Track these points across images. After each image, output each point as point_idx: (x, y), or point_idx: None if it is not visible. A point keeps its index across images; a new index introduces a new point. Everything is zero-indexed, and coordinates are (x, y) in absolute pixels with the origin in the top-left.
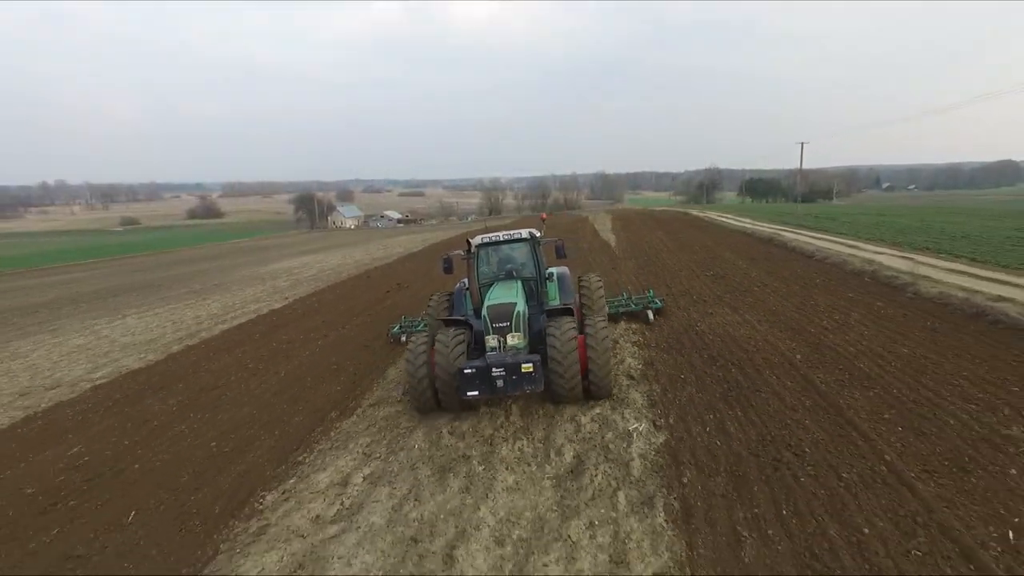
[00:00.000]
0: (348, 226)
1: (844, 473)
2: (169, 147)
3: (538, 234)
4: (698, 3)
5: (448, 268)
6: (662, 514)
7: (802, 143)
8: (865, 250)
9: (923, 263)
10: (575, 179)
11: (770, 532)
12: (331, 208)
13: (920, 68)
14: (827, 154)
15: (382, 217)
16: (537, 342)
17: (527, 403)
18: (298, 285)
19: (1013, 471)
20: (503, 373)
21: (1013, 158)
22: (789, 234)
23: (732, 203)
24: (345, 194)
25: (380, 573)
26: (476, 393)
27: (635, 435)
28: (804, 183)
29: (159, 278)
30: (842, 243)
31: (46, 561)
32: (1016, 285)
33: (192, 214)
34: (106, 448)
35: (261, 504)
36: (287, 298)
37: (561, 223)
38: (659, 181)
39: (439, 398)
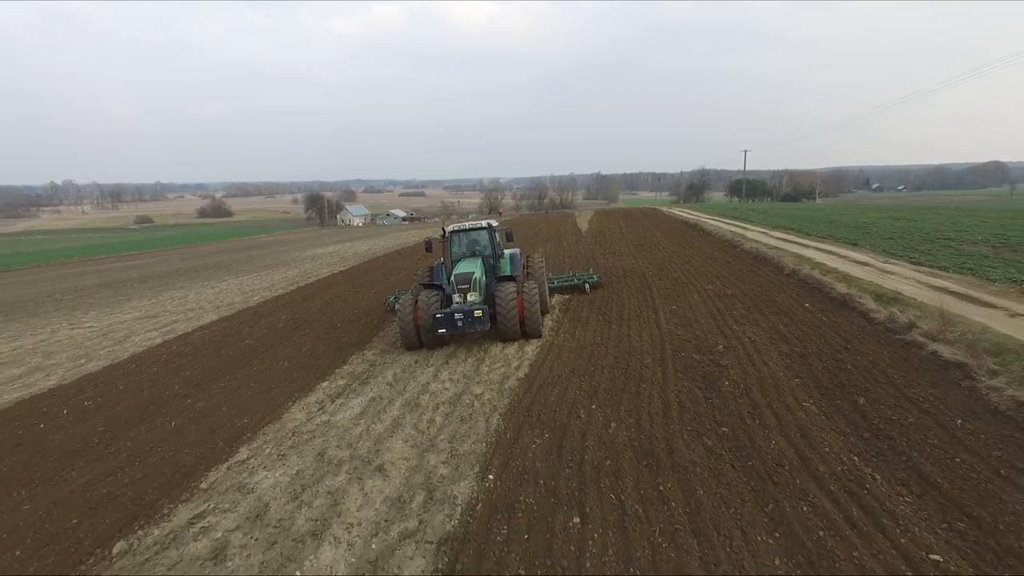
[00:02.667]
0: (356, 224)
1: (632, 299)
2: (170, 148)
3: (495, 224)
4: (697, 4)
5: (428, 248)
6: (557, 311)
7: (745, 151)
8: (747, 229)
9: (770, 235)
10: (573, 180)
11: (593, 309)
12: (340, 207)
13: (918, 69)
14: (824, 155)
15: (388, 215)
16: (491, 300)
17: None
18: (344, 261)
19: (695, 296)
20: (462, 317)
21: (1000, 159)
22: (711, 222)
23: (719, 202)
24: (347, 194)
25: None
26: (444, 330)
27: (555, 300)
28: (790, 183)
29: (218, 262)
30: (739, 226)
31: (316, 333)
32: (798, 243)
33: (203, 213)
34: (301, 314)
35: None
36: (344, 267)
37: (550, 219)
38: (656, 182)
39: (421, 338)
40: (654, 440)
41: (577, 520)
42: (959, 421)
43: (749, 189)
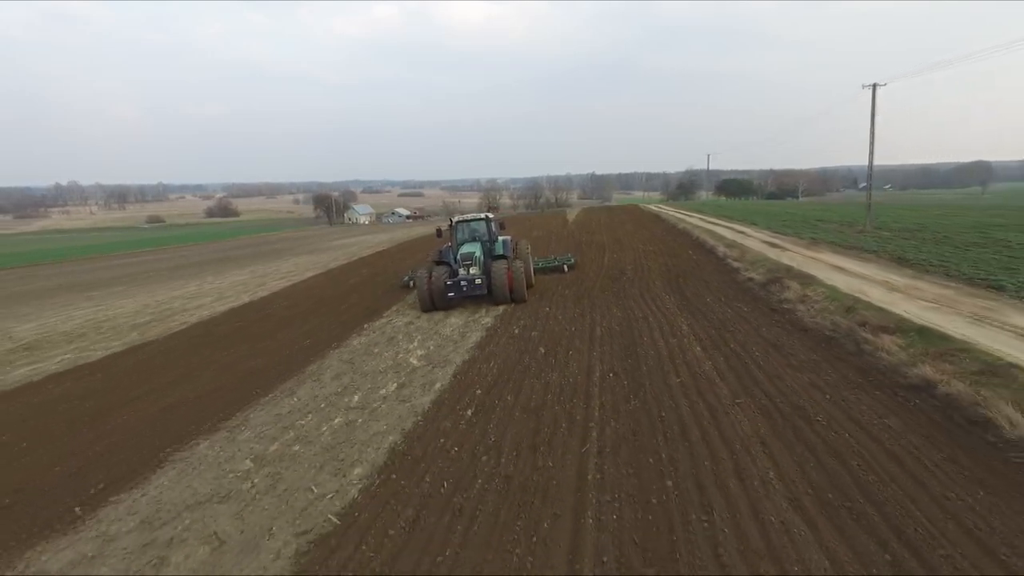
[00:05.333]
0: (363, 222)
1: (591, 254)
2: (170, 148)
3: (491, 216)
4: (695, 4)
5: (439, 234)
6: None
7: (708, 155)
8: (691, 216)
9: (704, 220)
10: (569, 179)
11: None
12: (346, 206)
13: (914, 69)
14: (820, 155)
15: (393, 214)
16: (487, 274)
17: None
18: (377, 247)
19: (630, 252)
20: (466, 284)
21: (989, 158)
22: (670, 212)
23: (707, 201)
24: (347, 194)
25: None
26: (452, 295)
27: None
28: (775, 183)
29: (262, 251)
30: (688, 215)
31: (391, 280)
32: (718, 224)
33: (210, 213)
34: (375, 272)
35: None
36: (380, 248)
37: (545, 216)
38: (650, 182)
39: (434, 303)
40: (583, 293)
41: (547, 309)
42: (715, 284)
43: (736, 188)
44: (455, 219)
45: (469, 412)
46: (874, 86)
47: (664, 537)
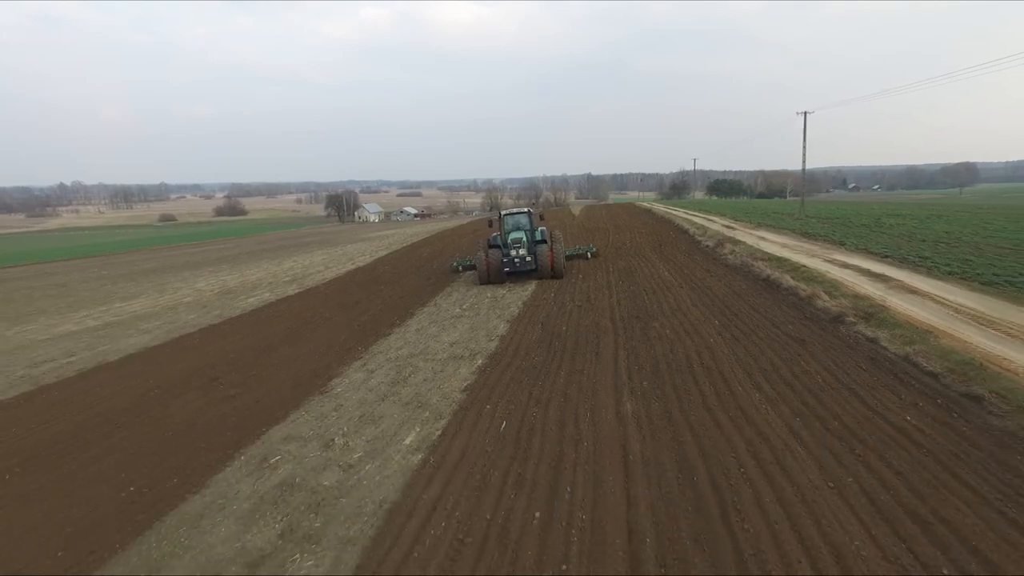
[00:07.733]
0: (373, 220)
1: (599, 237)
2: (167, 149)
3: (532, 210)
4: (684, 6)
5: (490, 224)
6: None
7: (694, 159)
8: (676, 210)
9: (688, 214)
10: (565, 180)
11: (581, 240)
12: (357, 205)
13: (904, 69)
14: (810, 156)
15: (402, 212)
16: (532, 255)
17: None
18: (415, 237)
19: (628, 235)
20: (519, 261)
21: (977, 159)
22: (661, 208)
23: (695, 199)
24: (348, 194)
25: None
26: (508, 270)
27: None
28: (763, 183)
29: (306, 242)
30: (674, 210)
31: (451, 257)
32: (697, 215)
33: (219, 212)
34: (435, 251)
35: None
36: (421, 237)
37: (551, 212)
38: (645, 182)
39: (490, 278)
40: (599, 262)
41: (576, 264)
42: (684, 249)
43: (727, 188)
44: (503, 212)
45: (551, 297)
46: (805, 114)
47: (643, 309)
